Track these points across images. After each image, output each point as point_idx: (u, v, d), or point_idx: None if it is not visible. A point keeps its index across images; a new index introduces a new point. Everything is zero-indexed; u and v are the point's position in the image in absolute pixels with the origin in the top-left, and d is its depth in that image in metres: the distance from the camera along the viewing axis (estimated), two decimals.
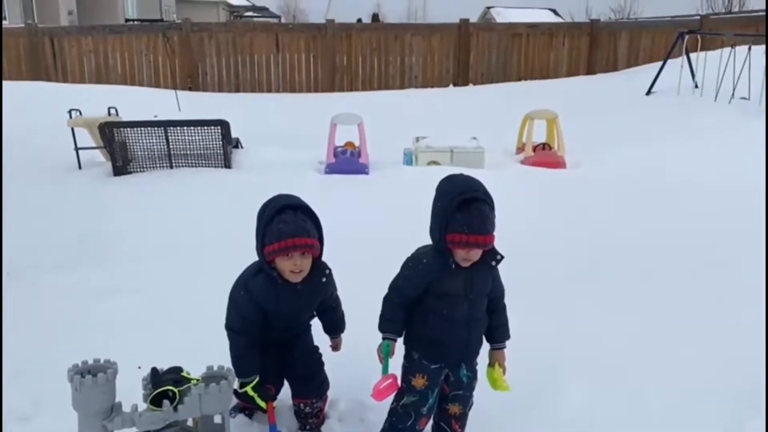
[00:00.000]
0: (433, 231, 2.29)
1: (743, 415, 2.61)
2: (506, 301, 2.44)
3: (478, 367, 2.46)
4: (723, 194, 5.41)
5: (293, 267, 2.28)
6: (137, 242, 4.77)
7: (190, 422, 2.26)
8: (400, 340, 2.43)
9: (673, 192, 5.68)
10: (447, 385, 2.43)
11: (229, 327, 2.41)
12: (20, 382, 2.81)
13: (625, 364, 3.01)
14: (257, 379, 2.38)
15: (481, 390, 2.46)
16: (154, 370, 2.16)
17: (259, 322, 2.38)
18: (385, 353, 2.35)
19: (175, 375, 2.15)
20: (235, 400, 2.46)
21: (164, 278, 4.07)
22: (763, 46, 9.15)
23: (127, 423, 2.03)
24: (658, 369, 2.98)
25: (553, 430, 2.60)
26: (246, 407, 2.61)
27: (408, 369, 2.40)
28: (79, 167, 7.12)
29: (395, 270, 2.41)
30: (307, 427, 2.57)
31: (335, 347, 2.66)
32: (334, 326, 2.63)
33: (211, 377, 2.16)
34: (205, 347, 3.02)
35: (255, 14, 38.18)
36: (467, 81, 13.61)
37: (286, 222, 2.24)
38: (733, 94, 9.23)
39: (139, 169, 6.87)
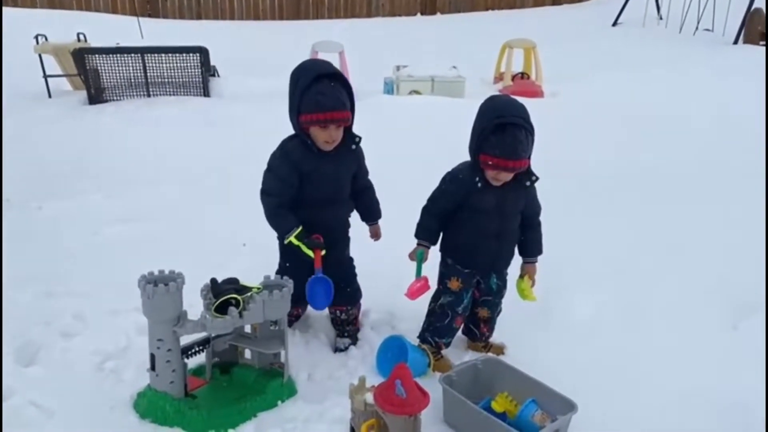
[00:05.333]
0: (470, 148, 2.43)
1: (737, 315, 2.92)
2: None
3: (508, 278, 2.66)
4: (696, 122, 5.70)
5: (328, 137, 2.37)
6: (128, 170, 4.75)
7: (247, 329, 2.40)
8: (435, 248, 2.60)
9: (646, 119, 5.94)
10: (478, 290, 2.64)
11: (264, 191, 2.46)
12: (60, 302, 2.88)
13: (626, 278, 3.28)
14: (300, 228, 2.42)
15: (506, 299, 2.69)
16: (213, 280, 2.28)
17: (295, 186, 2.43)
18: (419, 259, 2.54)
19: (236, 285, 2.27)
20: None
21: (166, 204, 4.12)
22: None
23: (198, 328, 2.15)
24: (656, 280, 3.26)
25: (566, 336, 2.84)
26: (296, 314, 2.73)
27: (444, 273, 2.60)
28: (49, 96, 6.90)
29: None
30: (345, 334, 2.75)
31: (375, 234, 2.74)
32: (371, 211, 2.71)
33: (271, 285, 2.29)
34: (236, 262, 3.19)
35: None
36: (435, 10, 13.49)
37: (324, 93, 2.29)
38: (697, 27, 9.49)
39: (115, 98, 6.73)
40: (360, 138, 2.53)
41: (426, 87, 6.92)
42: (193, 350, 2.34)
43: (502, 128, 2.30)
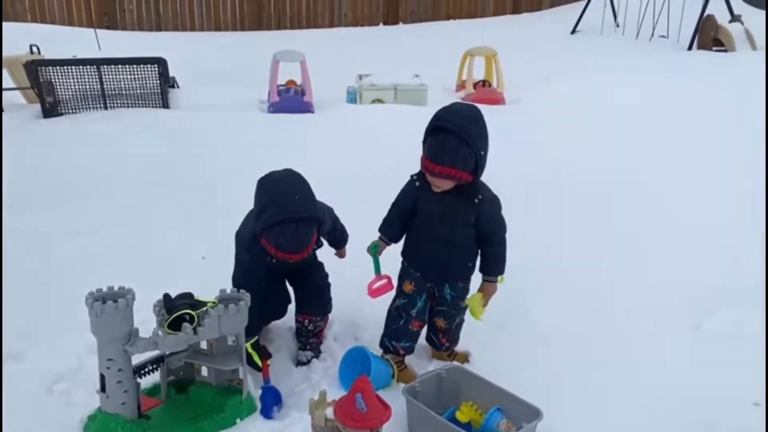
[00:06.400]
0: None
1: (699, 315, 2.95)
2: None
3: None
4: (655, 125, 5.78)
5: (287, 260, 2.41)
6: (82, 183, 4.61)
7: (204, 345, 2.32)
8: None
9: (606, 123, 6.00)
10: (433, 299, 2.61)
11: (237, 286, 2.42)
12: (6, 321, 2.76)
13: (589, 282, 3.29)
14: (257, 338, 2.44)
15: None
16: (166, 295, 2.20)
17: (264, 275, 2.50)
18: (372, 251, 2.55)
19: (190, 299, 2.20)
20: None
21: (122, 217, 4.01)
22: None
23: (150, 346, 2.07)
24: (618, 283, 3.28)
25: (531, 341, 2.82)
26: None
27: (400, 275, 2.61)
28: (1, 109, 6.69)
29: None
30: (308, 347, 2.69)
31: (341, 256, 2.85)
32: (336, 242, 2.80)
33: (227, 299, 2.22)
34: (192, 277, 3.10)
35: None
36: (397, 20, 13.54)
37: (285, 237, 2.31)
38: (653, 33, 9.70)
39: (71, 111, 6.54)
40: (322, 243, 2.61)
41: (389, 95, 6.90)
42: (147, 369, 2.25)
43: (434, 132, 2.30)
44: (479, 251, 2.53)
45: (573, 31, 11.28)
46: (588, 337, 2.84)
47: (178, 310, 2.13)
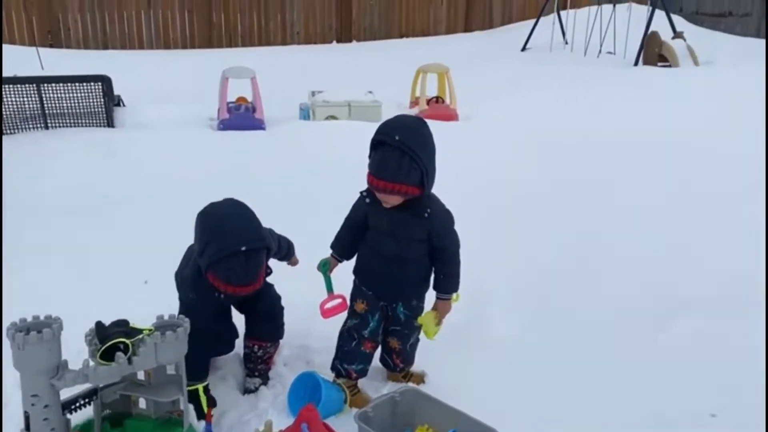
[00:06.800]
0: None
1: (658, 324, 2.93)
2: None
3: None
4: (606, 137, 5.85)
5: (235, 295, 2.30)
6: (17, 206, 4.38)
7: (141, 375, 2.17)
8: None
9: (559, 136, 6.05)
10: (387, 318, 2.52)
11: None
12: None
13: (546, 295, 3.25)
14: (207, 383, 2.35)
15: None
16: (98, 324, 2.05)
17: (212, 313, 2.39)
18: (322, 269, 2.48)
19: (124, 327, 2.05)
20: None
21: (59, 240, 3.80)
22: (626, 4, 9.87)
23: (80, 379, 1.92)
24: (575, 294, 3.25)
25: (488, 358, 2.75)
26: None
27: (352, 294, 2.51)
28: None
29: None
30: (256, 373, 2.56)
31: (293, 264, 2.73)
32: (284, 257, 2.68)
33: (165, 326, 2.08)
34: (133, 303, 2.93)
35: None
36: (350, 38, 13.55)
37: (235, 271, 2.17)
38: (600, 50, 9.92)
39: (8, 131, 6.26)
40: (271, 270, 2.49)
41: (343, 112, 6.84)
42: (78, 404, 2.09)
43: (376, 146, 2.24)
44: (433, 268, 2.45)
45: (523, 48, 11.47)
46: (546, 353, 2.79)
47: (111, 339, 1.98)
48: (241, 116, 6.45)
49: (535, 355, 2.78)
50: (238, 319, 2.62)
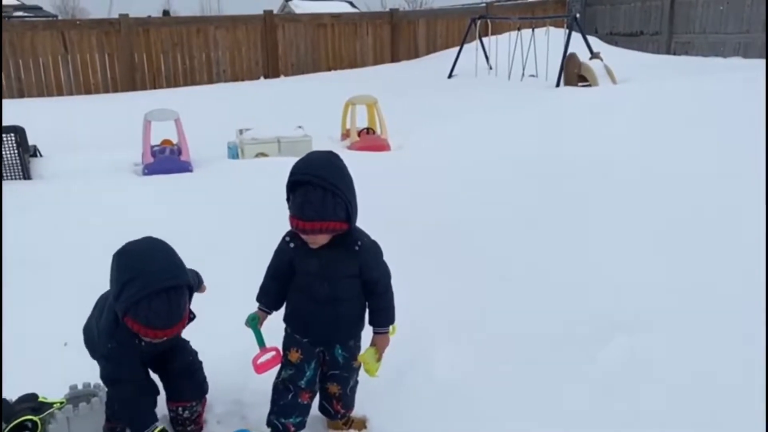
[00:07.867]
0: None
1: (593, 347, 2.92)
2: None
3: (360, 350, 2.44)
4: (537, 159, 5.94)
5: (157, 340, 2.13)
6: None
7: None
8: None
9: (492, 161, 6.12)
10: (324, 363, 2.42)
11: (111, 379, 2.12)
12: None
13: (483, 328, 3.19)
14: (162, 427, 2.17)
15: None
16: (2, 401, 1.86)
17: (139, 362, 2.21)
18: (251, 324, 2.34)
19: (32, 402, 1.87)
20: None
21: None
22: (544, 28, 10.21)
23: None
24: (514, 325, 3.19)
25: (431, 398, 2.66)
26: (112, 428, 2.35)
27: (284, 344, 2.39)
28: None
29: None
30: None
31: (201, 291, 2.53)
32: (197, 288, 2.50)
33: (78, 396, 1.91)
34: (50, 369, 2.71)
35: (27, 14, 34.28)
36: (278, 73, 13.51)
37: (158, 313, 2.02)
38: (523, 73, 10.21)
39: None
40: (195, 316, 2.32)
41: (272, 148, 6.75)
42: None
43: (296, 187, 2.16)
44: (367, 304, 2.37)
45: (450, 75, 11.71)
46: (488, 386, 2.72)
47: (16, 418, 1.80)
48: (166, 159, 6.27)
49: (476, 389, 2.68)
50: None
